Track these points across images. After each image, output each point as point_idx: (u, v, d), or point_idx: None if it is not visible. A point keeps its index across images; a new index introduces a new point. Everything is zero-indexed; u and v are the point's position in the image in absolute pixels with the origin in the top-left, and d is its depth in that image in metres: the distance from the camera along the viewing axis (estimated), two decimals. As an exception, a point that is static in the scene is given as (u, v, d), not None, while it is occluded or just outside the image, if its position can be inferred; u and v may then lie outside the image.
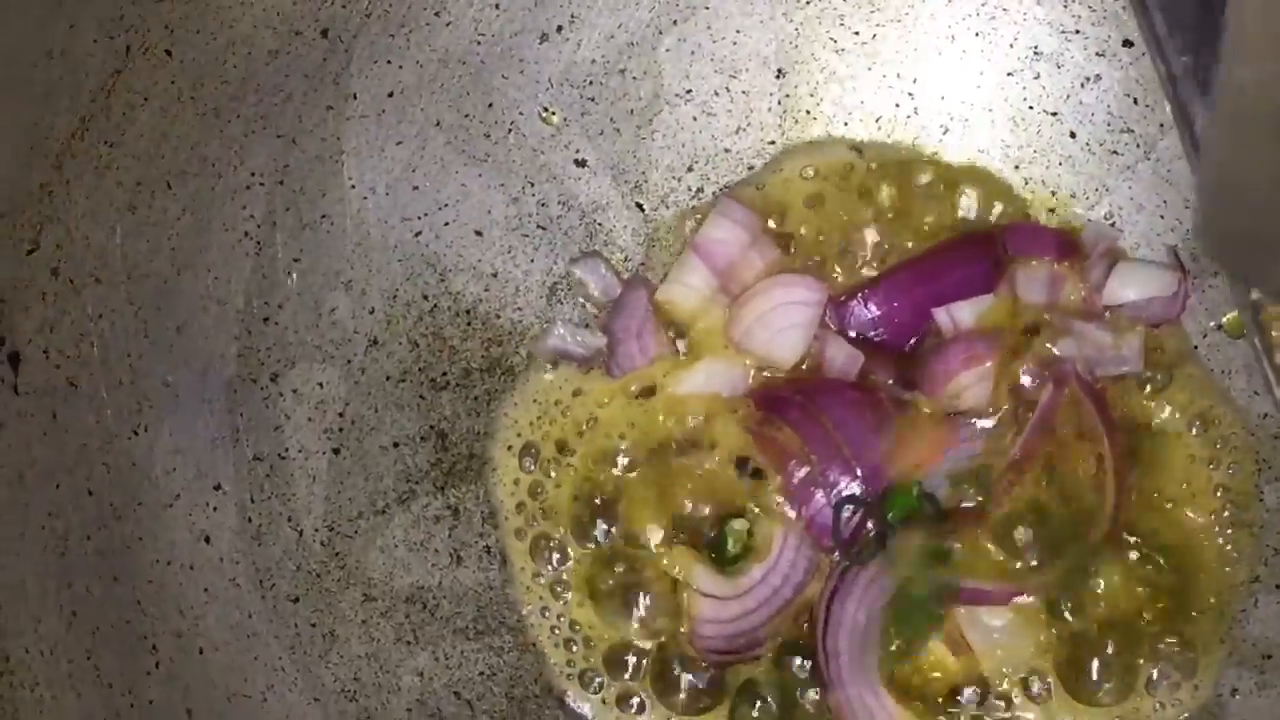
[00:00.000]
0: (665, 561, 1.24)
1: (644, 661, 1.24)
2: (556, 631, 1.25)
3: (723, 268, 1.28)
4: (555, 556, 1.26)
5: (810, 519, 1.24)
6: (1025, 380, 1.26)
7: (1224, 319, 1.28)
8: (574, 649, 1.25)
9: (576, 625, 1.25)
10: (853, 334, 1.29)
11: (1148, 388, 1.27)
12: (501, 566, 1.27)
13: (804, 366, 1.28)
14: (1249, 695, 1.22)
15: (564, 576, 1.26)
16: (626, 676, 1.24)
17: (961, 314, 1.27)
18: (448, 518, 1.26)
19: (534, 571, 1.26)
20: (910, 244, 1.30)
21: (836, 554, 1.22)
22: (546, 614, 1.26)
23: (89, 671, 1.08)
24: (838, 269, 1.31)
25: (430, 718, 1.22)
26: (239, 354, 1.20)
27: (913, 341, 1.29)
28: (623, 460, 1.27)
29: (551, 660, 1.26)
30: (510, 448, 1.27)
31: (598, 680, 1.25)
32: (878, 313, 1.29)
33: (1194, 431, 1.26)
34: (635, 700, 1.24)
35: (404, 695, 1.22)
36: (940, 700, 1.23)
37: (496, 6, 1.26)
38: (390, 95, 1.25)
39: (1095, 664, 1.23)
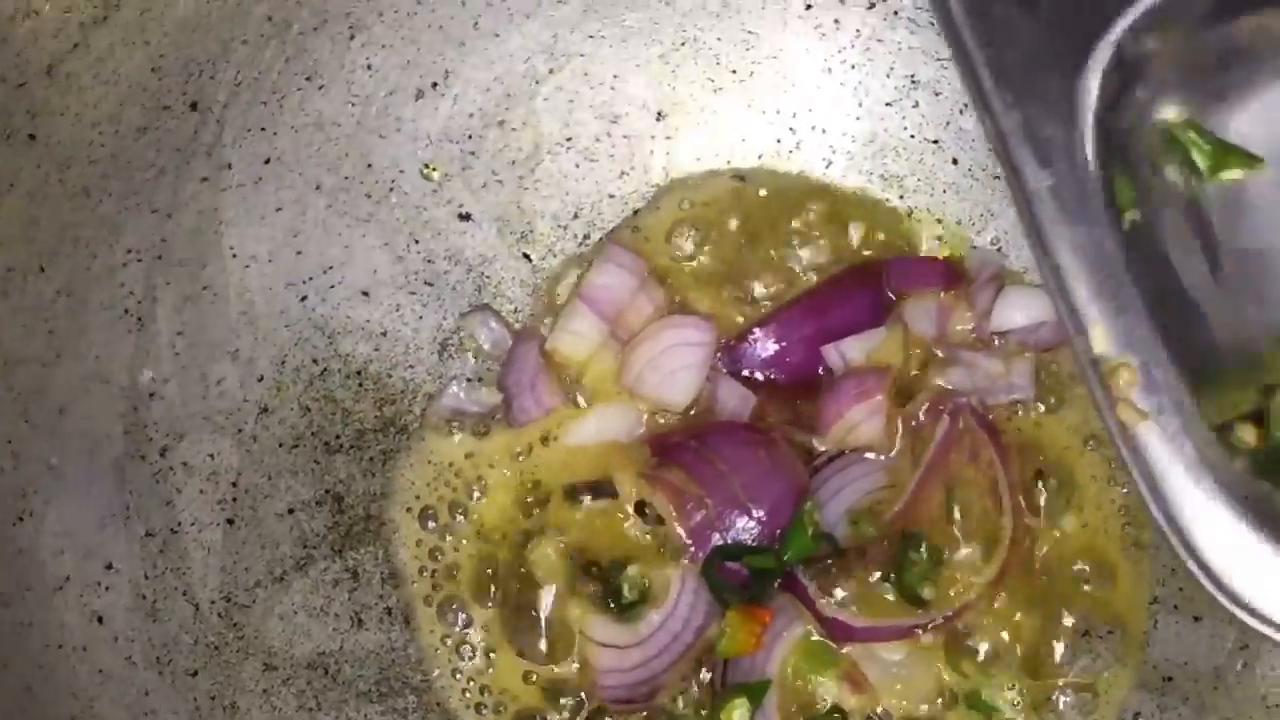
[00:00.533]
0: (565, 614, 1.24)
1: (557, 720, 1.25)
2: (467, 694, 1.25)
3: (611, 314, 1.28)
4: (461, 617, 1.26)
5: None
6: (920, 416, 1.26)
7: (1113, 339, 1.27)
8: (484, 712, 1.25)
9: (487, 689, 1.25)
10: (746, 374, 1.29)
11: (1041, 408, 1.27)
12: (404, 627, 1.27)
13: (693, 412, 1.27)
14: (1150, 718, 1.22)
15: (470, 638, 1.26)
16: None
17: (851, 350, 1.27)
18: (347, 580, 1.26)
19: (442, 634, 1.26)
20: (799, 271, 1.29)
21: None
22: (457, 676, 1.26)
23: (-22, 763, 1.08)
24: (726, 303, 1.30)
25: (335, 784, 1.22)
26: (125, 431, 1.20)
27: (806, 380, 1.28)
28: (519, 516, 1.26)
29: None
30: (409, 510, 1.27)
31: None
32: (770, 353, 1.29)
33: (1089, 448, 1.26)
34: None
35: (308, 763, 1.22)
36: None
37: (368, 67, 1.26)
38: (267, 162, 1.24)
39: (1002, 694, 1.23)
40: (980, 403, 1.25)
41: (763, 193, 1.33)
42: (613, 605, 1.23)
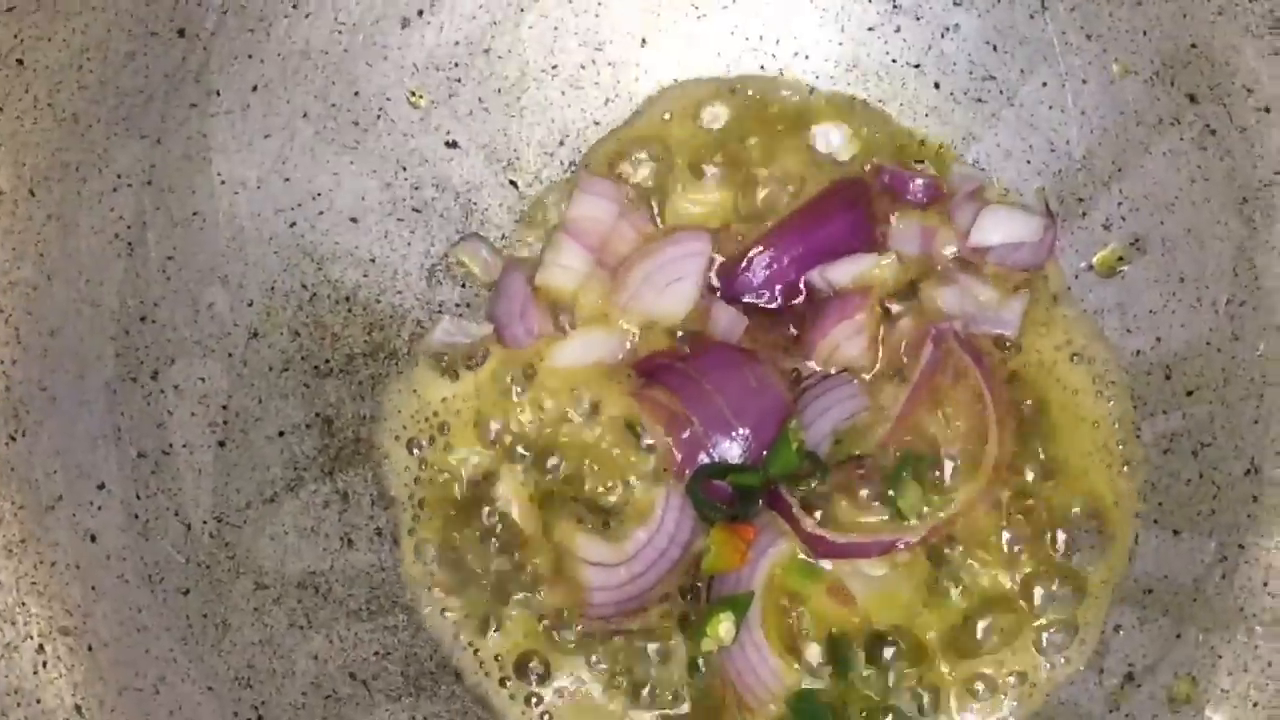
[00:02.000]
0: (551, 535, 1.25)
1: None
2: (447, 614, 1.27)
3: (595, 244, 1.30)
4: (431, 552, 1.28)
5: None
6: (904, 340, 1.27)
7: (1094, 259, 1.28)
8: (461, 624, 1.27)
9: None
10: (737, 298, 1.30)
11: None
12: (393, 547, 1.28)
13: (680, 334, 1.28)
14: (1130, 630, 1.24)
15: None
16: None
17: (835, 274, 1.28)
18: (337, 502, 1.28)
19: (421, 569, 1.28)
20: (788, 186, 1.31)
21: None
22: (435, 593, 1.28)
23: (-27, 674, 1.10)
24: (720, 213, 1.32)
25: (326, 700, 1.24)
26: (117, 354, 1.21)
27: (794, 302, 1.30)
28: (505, 439, 1.28)
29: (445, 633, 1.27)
30: (397, 438, 1.29)
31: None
32: (763, 276, 1.30)
33: (1074, 363, 1.27)
34: (532, 668, 1.26)
35: (299, 679, 1.24)
36: (824, 654, 1.24)
37: (354, -6, 1.27)
38: (254, 89, 1.26)
39: (982, 622, 1.24)
40: (964, 327, 1.26)
41: (751, 93, 1.33)
42: (602, 524, 1.24)
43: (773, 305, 1.29)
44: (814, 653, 1.23)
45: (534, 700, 1.26)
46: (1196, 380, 1.24)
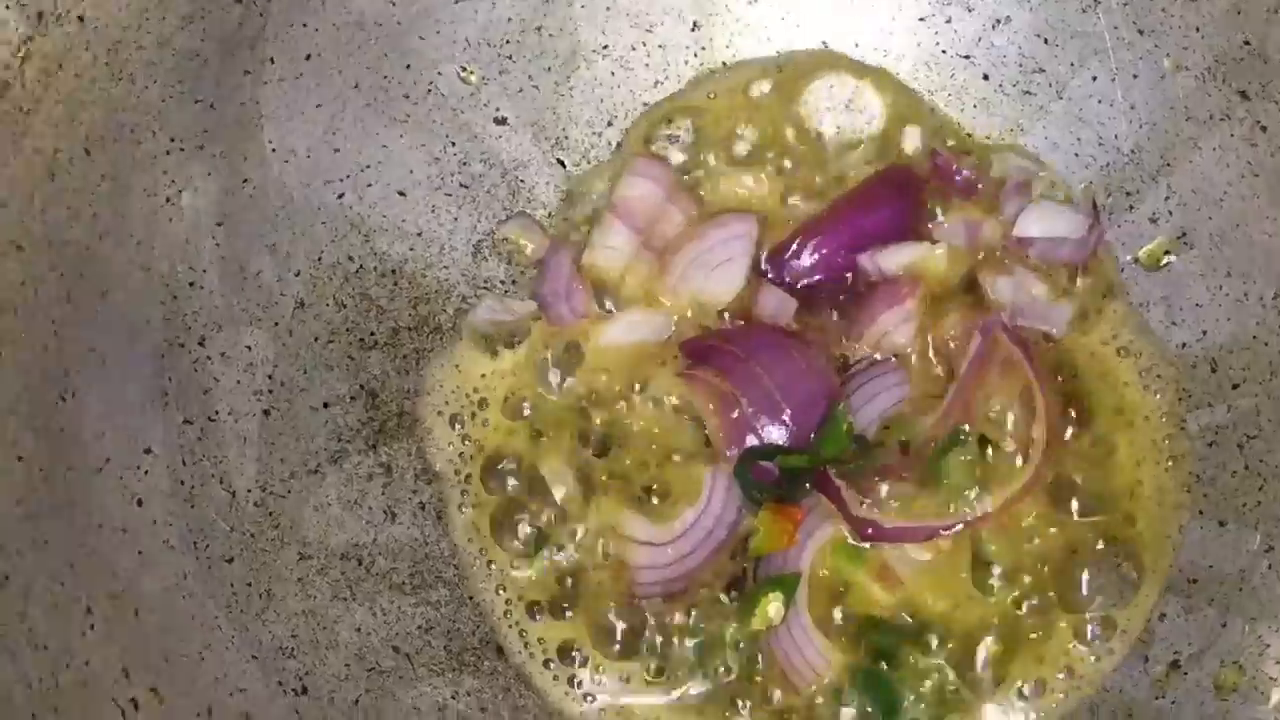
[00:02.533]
0: (596, 513, 1.25)
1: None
2: (502, 591, 1.26)
3: (643, 225, 1.30)
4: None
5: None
6: (953, 330, 1.27)
7: (1140, 252, 1.29)
8: (512, 603, 1.26)
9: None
10: (786, 282, 1.30)
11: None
12: (436, 522, 1.27)
13: (726, 315, 1.28)
14: (1175, 619, 1.24)
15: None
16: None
17: (886, 260, 1.28)
18: (380, 475, 1.27)
19: (467, 538, 1.27)
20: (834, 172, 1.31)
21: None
22: (491, 566, 1.27)
23: (22, 634, 1.08)
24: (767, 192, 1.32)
25: (369, 672, 1.23)
26: (165, 319, 1.20)
27: (843, 287, 1.30)
28: (549, 417, 1.27)
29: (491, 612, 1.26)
30: (440, 413, 1.28)
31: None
32: (811, 261, 1.30)
33: (1120, 357, 1.28)
34: (575, 654, 1.25)
35: (342, 651, 1.23)
36: (867, 638, 1.24)
37: (411, -34, 1.26)
38: (308, 58, 1.25)
39: (1029, 602, 1.24)
40: (1011, 319, 1.27)
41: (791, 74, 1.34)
42: (649, 504, 1.24)
43: (821, 290, 1.29)
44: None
45: (576, 682, 1.25)
46: (1242, 374, 1.24)
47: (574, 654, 1.25)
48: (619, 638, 1.24)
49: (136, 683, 1.11)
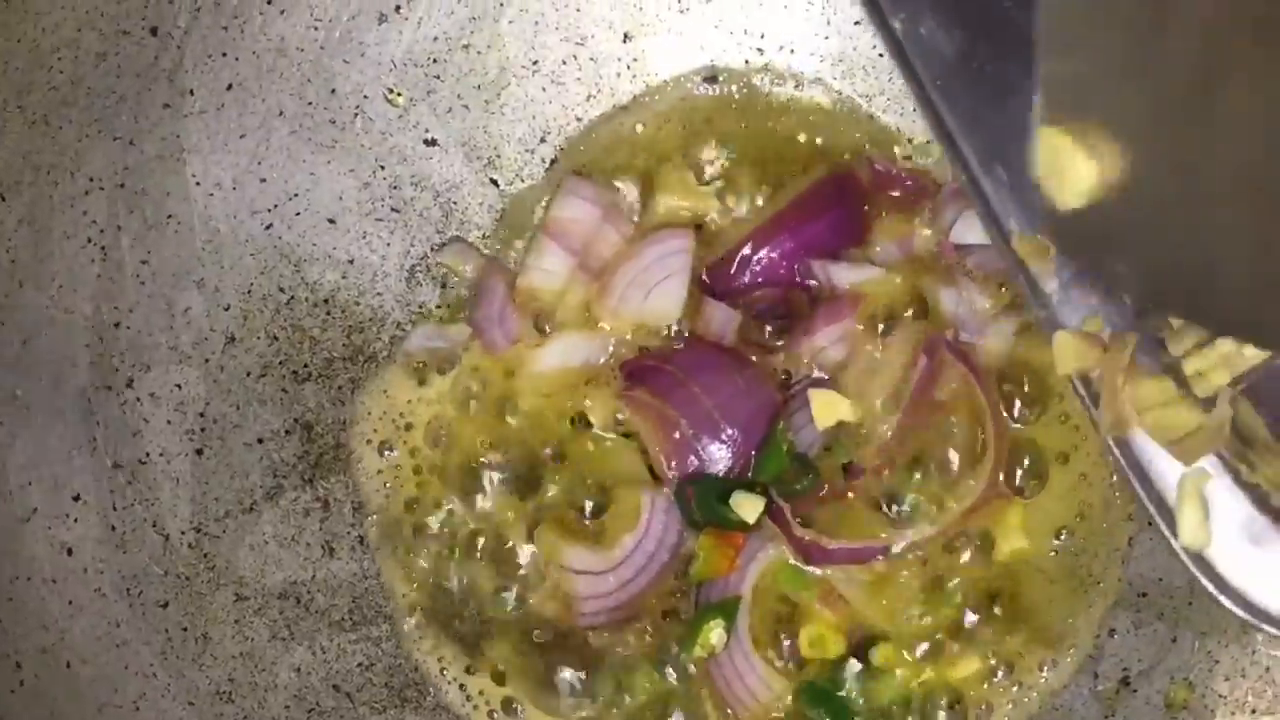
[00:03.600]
0: (533, 546, 1.23)
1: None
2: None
3: (578, 247, 1.27)
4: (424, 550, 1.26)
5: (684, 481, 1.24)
6: (898, 350, 1.25)
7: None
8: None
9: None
10: (727, 296, 1.28)
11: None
12: (374, 556, 1.26)
13: (670, 330, 1.26)
14: (1125, 634, 1.22)
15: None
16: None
17: (839, 274, 1.25)
18: (318, 510, 1.26)
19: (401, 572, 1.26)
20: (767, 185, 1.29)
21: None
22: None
23: (-51, 695, 1.07)
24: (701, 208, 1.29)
25: (309, 713, 1.22)
26: (91, 361, 1.19)
27: (788, 297, 1.27)
28: (482, 444, 1.26)
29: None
30: (369, 441, 1.26)
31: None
32: (753, 272, 1.27)
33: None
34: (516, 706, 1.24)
35: (281, 692, 1.21)
36: (811, 662, 1.22)
37: (330, -10, 1.24)
38: (229, 88, 1.23)
39: (972, 616, 1.23)
40: (955, 337, 1.24)
41: (735, 93, 1.31)
42: (588, 532, 1.22)
43: (764, 302, 1.26)
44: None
45: (517, 709, 1.24)
46: (1191, 382, 1.22)
47: (515, 706, 1.24)
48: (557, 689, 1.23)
49: (69, 737, 1.10)
